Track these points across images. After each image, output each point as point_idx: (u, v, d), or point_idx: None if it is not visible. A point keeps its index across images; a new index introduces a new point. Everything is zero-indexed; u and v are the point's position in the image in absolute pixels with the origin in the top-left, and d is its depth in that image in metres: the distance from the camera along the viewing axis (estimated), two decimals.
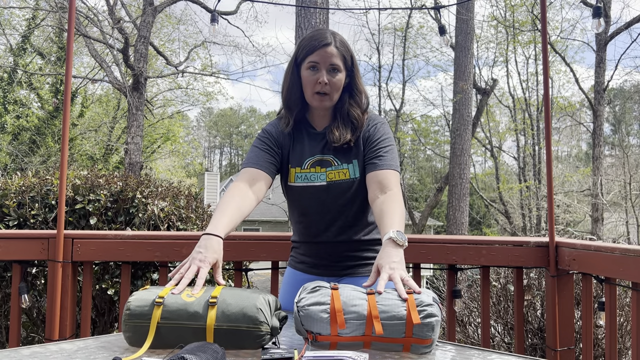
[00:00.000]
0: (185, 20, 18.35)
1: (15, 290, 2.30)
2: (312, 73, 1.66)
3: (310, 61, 1.66)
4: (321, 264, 1.78)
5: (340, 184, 1.69)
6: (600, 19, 2.43)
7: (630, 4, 43.19)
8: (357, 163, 1.71)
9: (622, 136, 29.62)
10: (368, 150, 1.70)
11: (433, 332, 1.26)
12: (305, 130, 1.76)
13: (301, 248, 1.83)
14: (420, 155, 33.61)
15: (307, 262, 1.81)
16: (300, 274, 1.83)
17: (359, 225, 1.76)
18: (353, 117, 1.71)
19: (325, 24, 5.82)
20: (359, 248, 1.77)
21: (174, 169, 24.75)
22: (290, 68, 1.73)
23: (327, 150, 1.72)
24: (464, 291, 3.98)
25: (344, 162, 1.71)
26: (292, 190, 1.74)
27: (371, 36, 19.08)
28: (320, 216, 1.73)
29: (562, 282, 2.29)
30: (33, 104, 16.58)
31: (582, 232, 14.51)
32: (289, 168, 1.74)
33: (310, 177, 1.70)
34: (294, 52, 1.74)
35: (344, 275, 1.77)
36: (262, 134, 1.76)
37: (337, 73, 1.68)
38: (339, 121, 1.72)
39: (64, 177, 2.19)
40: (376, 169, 1.65)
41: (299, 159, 1.72)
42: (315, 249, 1.79)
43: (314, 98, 1.68)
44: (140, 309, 1.28)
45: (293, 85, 1.71)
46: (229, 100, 64.14)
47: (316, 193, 1.70)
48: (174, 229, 3.27)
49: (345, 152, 1.71)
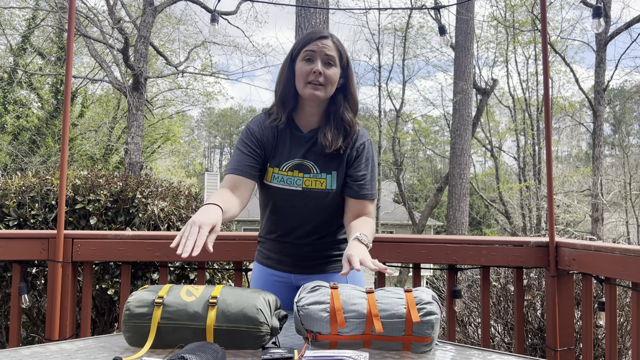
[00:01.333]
0: (185, 20, 18.32)
1: (15, 290, 2.30)
2: (306, 63, 1.65)
3: (306, 50, 1.65)
4: (287, 261, 1.79)
5: (316, 193, 1.68)
6: (600, 19, 2.43)
7: (630, 4, 43.19)
8: (336, 175, 1.70)
9: (622, 136, 29.62)
10: (353, 170, 1.70)
11: (433, 330, 1.26)
12: (290, 131, 1.73)
13: (267, 244, 1.83)
14: (420, 155, 33.60)
15: (274, 259, 1.81)
16: (267, 270, 1.82)
17: (326, 231, 1.77)
18: (347, 122, 1.70)
19: (325, 24, 5.82)
20: (323, 248, 1.78)
21: (174, 169, 24.74)
22: (286, 64, 1.72)
23: (309, 155, 1.70)
24: (464, 291, 3.98)
25: (323, 171, 1.69)
26: (267, 188, 1.73)
27: (371, 36, 19.08)
28: (290, 218, 1.73)
29: (562, 282, 2.29)
30: (33, 104, 16.58)
31: (582, 232, 14.51)
32: (267, 166, 1.72)
33: (286, 180, 1.69)
34: (291, 49, 1.73)
35: (310, 273, 1.78)
36: (246, 135, 1.73)
37: (332, 67, 1.66)
38: (332, 124, 1.70)
39: (64, 177, 2.19)
40: (357, 197, 1.70)
41: (279, 160, 1.71)
42: (280, 247, 1.79)
43: (306, 88, 1.64)
44: (140, 310, 1.28)
45: (288, 80, 1.70)
46: (229, 100, 64.11)
47: (290, 197, 1.70)
48: (174, 229, 3.27)
49: (327, 161, 1.70)
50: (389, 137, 19.42)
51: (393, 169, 19.22)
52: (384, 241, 2.33)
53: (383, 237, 2.38)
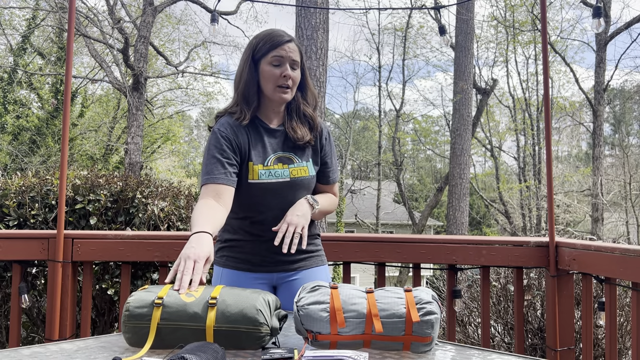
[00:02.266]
0: (185, 20, 18.33)
1: (15, 290, 2.30)
2: (275, 68, 1.70)
3: (275, 56, 1.70)
4: (271, 260, 1.76)
5: (302, 181, 1.75)
6: (600, 19, 2.44)
7: (630, 4, 43.20)
8: (312, 162, 1.80)
9: (622, 136, 29.61)
10: (323, 159, 1.84)
11: (433, 330, 1.26)
12: (260, 126, 1.76)
13: (247, 247, 1.77)
14: (421, 155, 33.59)
15: (253, 262, 1.76)
16: (245, 274, 1.76)
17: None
18: (309, 116, 1.80)
19: (325, 24, 5.81)
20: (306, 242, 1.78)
21: (174, 169, 24.73)
22: (247, 63, 1.73)
23: (287, 147, 1.77)
24: (464, 291, 3.98)
25: (303, 159, 1.77)
26: (252, 187, 1.70)
27: (371, 36, 19.10)
28: (277, 211, 1.71)
29: (562, 282, 2.29)
30: (33, 104, 16.57)
31: (582, 232, 14.51)
32: (249, 165, 1.71)
33: (274, 173, 1.72)
34: (251, 48, 1.74)
35: (289, 271, 1.78)
36: (216, 139, 1.69)
37: (296, 69, 1.74)
38: (295, 119, 1.78)
39: (64, 177, 2.19)
40: (328, 182, 1.87)
41: (262, 156, 1.72)
42: (265, 245, 1.74)
43: (276, 91, 1.71)
44: (140, 310, 1.28)
45: (250, 80, 1.73)
46: (229, 100, 64.09)
47: (279, 189, 1.71)
48: (174, 229, 3.27)
49: (302, 150, 1.78)
50: (389, 137, 19.43)
51: (393, 169, 19.22)
52: (384, 241, 2.33)
53: (383, 237, 2.38)
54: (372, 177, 21.10)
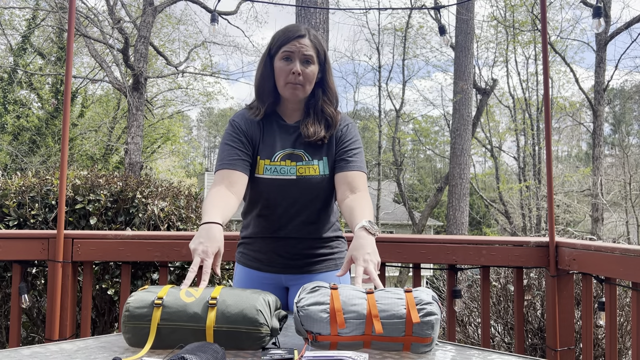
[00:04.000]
0: (185, 21, 18.34)
1: (15, 290, 2.30)
2: (285, 63, 1.67)
3: (285, 51, 1.66)
4: (278, 261, 1.75)
5: (310, 180, 1.69)
6: (600, 19, 2.44)
7: (630, 4, 43.21)
8: (327, 160, 1.72)
9: (622, 136, 29.59)
10: (339, 150, 1.73)
11: (433, 331, 1.26)
12: (276, 122, 1.74)
13: (255, 244, 1.78)
14: (421, 155, 33.58)
15: (263, 260, 1.76)
16: (254, 272, 1.77)
17: (320, 223, 1.76)
18: (328, 114, 1.73)
19: (325, 24, 5.81)
20: (316, 245, 1.77)
21: (174, 169, 24.74)
22: (264, 60, 1.72)
23: (299, 144, 1.71)
24: (464, 291, 3.98)
25: (315, 158, 1.71)
26: (259, 182, 1.70)
27: (371, 36, 19.09)
28: (284, 210, 1.71)
29: (562, 282, 2.29)
30: (33, 104, 16.57)
31: (582, 232, 14.50)
32: (257, 159, 1.71)
33: (280, 169, 1.68)
34: (268, 45, 1.73)
35: (298, 273, 1.76)
36: (232, 129, 1.72)
37: (310, 65, 1.68)
38: (312, 117, 1.73)
39: (64, 177, 2.19)
40: (346, 170, 1.69)
41: (270, 151, 1.70)
42: (272, 245, 1.75)
43: (286, 88, 1.67)
44: (140, 311, 1.28)
45: (266, 76, 1.71)
46: (229, 100, 64.12)
47: (285, 186, 1.69)
48: (174, 229, 3.27)
49: (316, 148, 1.71)
50: (389, 137, 19.42)
51: (393, 169, 19.22)
52: (384, 241, 2.33)
53: (383, 237, 2.37)
54: (372, 177, 21.14)
